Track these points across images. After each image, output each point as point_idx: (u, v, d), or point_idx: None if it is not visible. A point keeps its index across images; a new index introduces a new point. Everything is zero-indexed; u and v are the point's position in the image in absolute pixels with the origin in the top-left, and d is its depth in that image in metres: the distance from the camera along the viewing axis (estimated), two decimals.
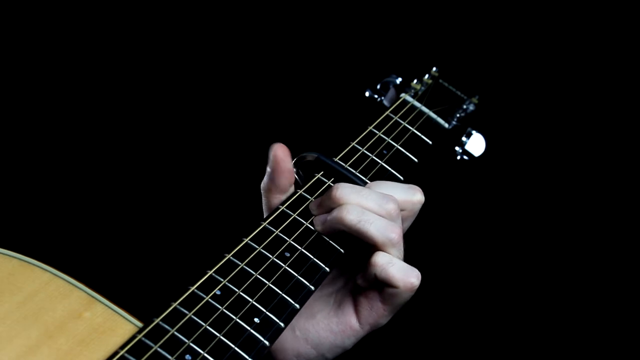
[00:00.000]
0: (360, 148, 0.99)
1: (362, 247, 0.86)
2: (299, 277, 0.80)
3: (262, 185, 0.91)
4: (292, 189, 0.91)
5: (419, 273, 0.84)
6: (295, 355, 0.87)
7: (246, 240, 0.82)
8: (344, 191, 0.85)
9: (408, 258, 0.87)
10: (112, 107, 1.68)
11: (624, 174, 1.66)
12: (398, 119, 1.08)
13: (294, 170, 0.92)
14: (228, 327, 0.73)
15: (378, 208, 0.85)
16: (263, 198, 0.91)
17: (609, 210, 1.65)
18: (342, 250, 0.86)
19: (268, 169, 0.90)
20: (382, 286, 0.84)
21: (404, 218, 0.89)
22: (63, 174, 1.61)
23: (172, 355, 0.68)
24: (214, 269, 0.77)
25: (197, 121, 1.70)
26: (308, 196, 0.89)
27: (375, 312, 0.85)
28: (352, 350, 0.89)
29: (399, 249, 0.84)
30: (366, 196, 0.85)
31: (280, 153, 0.89)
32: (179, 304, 0.72)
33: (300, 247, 0.83)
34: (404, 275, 0.83)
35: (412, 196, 0.90)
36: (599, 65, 1.67)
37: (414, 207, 0.90)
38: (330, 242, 0.86)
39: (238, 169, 1.59)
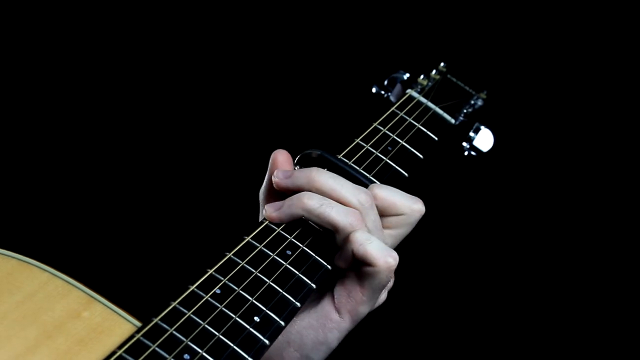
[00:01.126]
0: (365, 145, 0.99)
1: None
2: (300, 275, 0.80)
3: (261, 191, 0.90)
4: None
5: (397, 255, 0.82)
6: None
7: (247, 238, 0.81)
8: (322, 176, 0.85)
9: (415, 257, 0.86)
10: (111, 107, 1.68)
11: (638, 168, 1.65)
12: (404, 115, 1.07)
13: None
14: (227, 325, 0.72)
15: (351, 196, 0.84)
16: (261, 207, 0.90)
17: (621, 204, 1.64)
18: None
19: (267, 176, 0.89)
20: (359, 266, 0.83)
21: (400, 224, 0.88)
22: (62, 174, 1.62)
23: (170, 355, 0.68)
24: (214, 268, 0.77)
25: (198, 119, 1.70)
26: None
27: (354, 298, 0.83)
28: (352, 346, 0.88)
29: (366, 236, 0.82)
30: (341, 184, 0.85)
31: (280, 159, 0.89)
32: (178, 303, 0.72)
33: (301, 245, 0.83)
34: (382, 253, 0.81)
35: (413, 203, 0.89)
36: (607, 60, 1.66)
37: (413, 214, 0.89)
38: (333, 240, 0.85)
39: (239, 167, 1.59)
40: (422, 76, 1.19)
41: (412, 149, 1.02)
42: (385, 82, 1.20)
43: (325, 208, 0.82)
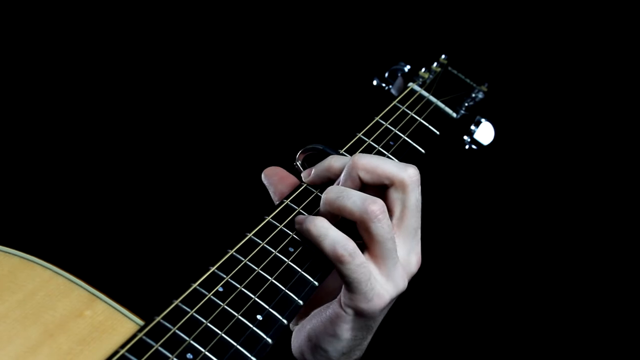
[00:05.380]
0: (367, 139, 0.98)
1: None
2: (302, 272, 0.80)
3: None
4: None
5: (352, 246, 0.79)
6: (300, 353, 0.86)
7: (249, 235, 0.81)
8: (364, 158, 0.85)
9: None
10: (112, 106, 1.68)
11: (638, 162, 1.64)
12: (405, 109, 1.06)
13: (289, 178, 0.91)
14: (230, 324, 0.72)
15: (399, 171, 0.83)
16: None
17: (623, 196, 1.64)
18: None
19: (272, 194, 0.90)
20: None
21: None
22: (64, 172, 1.61)
23: (173, 354, 0.68)
24: (217, 265, 0.76)
25: (200, 116, 1.70)
26: (312, 189, 0.89)
27: (347, 293, 0.81)
28: None
29: (385, 223, 0.80)
30: (383, 161, 0.84)
31: (272, 179, 0.90)
32: (180, 302, 0.72)
33: (304, 242, 0.82)
34: (333, 248, 0.79)
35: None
36: (609, 53, 1.65)
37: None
38: None
39: (241, 163, 1.58)
40: (423, 69, 1.18)
41: (414, 144, 1.02)
42: (386, 75, 1.20)
43: (342, 200, 0.81)
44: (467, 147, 1.16)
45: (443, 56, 1.23)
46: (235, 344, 0.71)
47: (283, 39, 1.71)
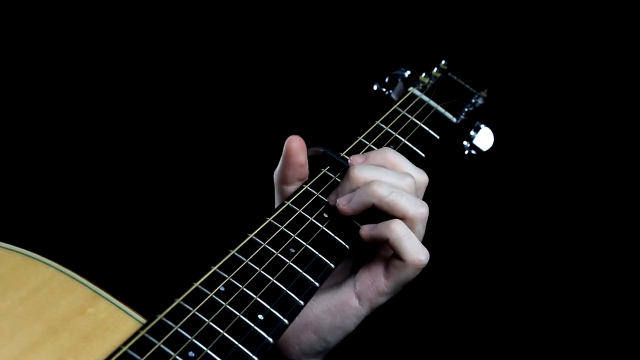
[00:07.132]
0: (367, 143, 0.99)
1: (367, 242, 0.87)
2: (303, 273, 0.80)
3: (275, 173, 0.91)
4: (299, 183, 0.91)
5: (428, 254, 0.84)
6: (297, 343, 0.87)
7: (251, 235, 0.81)
8: (363, 170, 0.86)
9: None
10: (114, 104, 1.68)
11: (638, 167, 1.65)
12: (406, 113, 1.07)
13: (306, 165, 0.92)
14: (232, 323, 0.72)
15: (398, 182, 0.85)
16: (275, 186, 0.92)
17: (622, 202, 1.64)
18: (347, 246, 0.85)
19: (282, 160, 0.90)
20: (389, 258, 0.84)
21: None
22: (67, 170, 1.61)
23: (175, 352, 0.68)
24: (218, 265, 0.77)
25: (202, 117, 1.70)
26: (314, 191, 0.89)
27: (376, 287, 0.84)
28: (353, 346, 0.88)
29: (424, 226, 0.85)
30: (384, 172, 0.86)
31: (293, 146, 0.90)
32: (182, 300, 0.72)
33: (305, 243, 0.83)
34: (415, 250, 0.82)
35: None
36: (608, 58, 1.66)
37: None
38: (336, 237, 0.85)
39: (243, 164, 1.58)
40: (423, 74, 1.19)
41: (414, 147, 1.02)
42: (387, 80, 1.21)
43: (395, 196, 0.83)
44: (466, 152, 1.17)
45: (443, 62, 1.23)
46: (236, 342, 0.71)
47: (285, 42, 1.72)
